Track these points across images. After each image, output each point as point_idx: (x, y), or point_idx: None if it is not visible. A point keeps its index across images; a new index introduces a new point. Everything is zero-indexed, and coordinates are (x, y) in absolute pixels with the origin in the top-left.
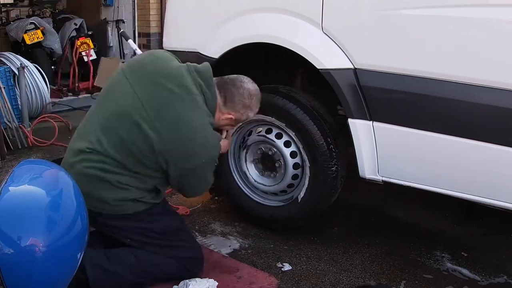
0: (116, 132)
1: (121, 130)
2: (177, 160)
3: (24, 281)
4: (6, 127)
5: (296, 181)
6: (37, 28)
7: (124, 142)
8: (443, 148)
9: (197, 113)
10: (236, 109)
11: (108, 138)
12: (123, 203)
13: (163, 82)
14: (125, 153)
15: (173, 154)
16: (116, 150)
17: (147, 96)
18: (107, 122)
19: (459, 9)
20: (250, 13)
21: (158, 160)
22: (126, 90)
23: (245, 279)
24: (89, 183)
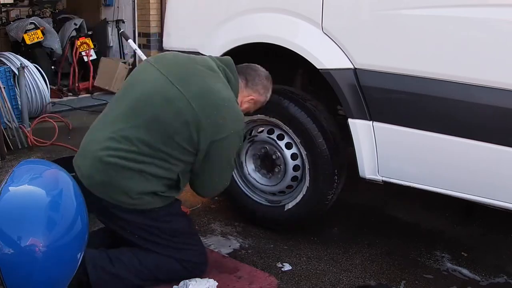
0: (146, 112)
1: (151, 109)
2: (207, 129)
3: (24, 281)
4: (6, 127)
5: (295, 182)
6: (37, 28)
7: (154, 119)
8: (443, 148)
9: (223, 87)
10: (256, 89)
11: (136, 120)
12: (143, 197)
13: (190, 63)
14: (155, 132)
15: (204, 122)
16: (146, 130)
17: (175, 74)
18: (135, 105)
19: (459, 9)
20: (250, 13)
21: (191, 134)
22: (152, 74)
23: (245, 279)
24: (112, 172)
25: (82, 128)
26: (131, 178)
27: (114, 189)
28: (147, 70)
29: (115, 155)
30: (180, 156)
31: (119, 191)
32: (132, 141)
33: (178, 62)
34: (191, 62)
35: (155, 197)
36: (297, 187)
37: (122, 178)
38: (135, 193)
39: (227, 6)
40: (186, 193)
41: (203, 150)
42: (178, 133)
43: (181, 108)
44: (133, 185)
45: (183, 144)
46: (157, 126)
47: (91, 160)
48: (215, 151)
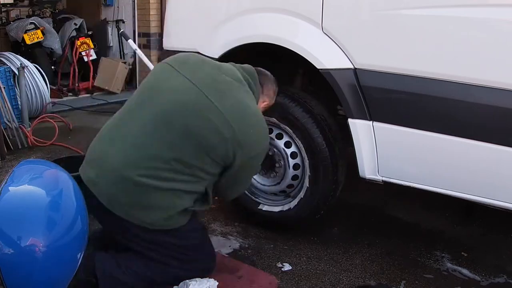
0: (179, 126)
1: (185, 122)
2: (245, 147)
3: (24, 281)
4: (6, 127)
5: (295, 181)
6: (37, 28)
7: (188, 134)
8: (443, 148)
9: (252, 101)
10: (269, 94)
11: (168, 135)
12: (172, 217)
13: (217, 73)
14: (188, 147)
15: (242, 140)
16: (179, 146)
17: (207, 85)
18: (164, 117)
19: (459, 9)
20: (250, 13)
21: (227, 151)
22: (180, 81)
23: (245, 279)
24: (142, 193)
25: (82, 128)
26: (163, 198)
27: (143, 211)
28: (173, 76)
29: (146, 175)
30: (211, 169)
31: (148, 212)
32: (164, 159)
33: (205, 70)
34: (219, 72)
35: (184, 214)
36: (297, 187)
37: (153, 199)
38: (166, 213)
39: (227, 6)
40: None
41: (237, 166)
42: (215, 149)
43: (218, 125)
44: (164, 204)
45: (216, 159)
46: (190, 141)
47: (113, 178)
48: (247, 165)
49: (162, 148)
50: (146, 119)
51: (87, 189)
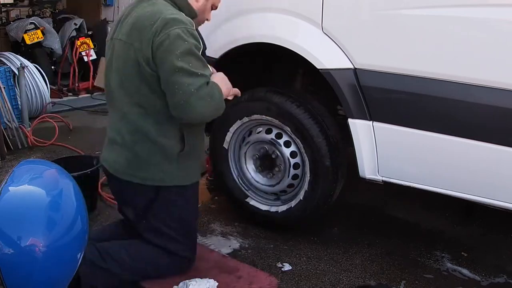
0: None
1: (122, 73)
2: (147, 47)
3: (24, 281)
4: (6, 127)
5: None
6: (37, 28)
7: (129, 78)
8: (443, 148)
9: (152, 7)
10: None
11: (125, 93)
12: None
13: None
14: (138, 92)
15: (142, 46)
16: (132, 96)
17: (124, 31)
18: (116, 81)
19: (459, 9)
20: (250, 13)
21: (150, 65)
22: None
23: (245, 279)
24: (136, 148)
25: (82, 128)
26: (152, 149)
27: (141, 166)
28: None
29: (130, 131)
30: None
31: (146, 166)
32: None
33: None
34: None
35: (174, 163)
36: (297, 187)
37: (144, 152)
38: (159, 162)
39: (227, 6)
40: None
41: (153, 62)
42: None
43: (135, 51)
44: (155, 154)
45: (151, 79)
46: (135, 85)
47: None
48: (160, 55)
49: (128, 105)
50: (111, 95)
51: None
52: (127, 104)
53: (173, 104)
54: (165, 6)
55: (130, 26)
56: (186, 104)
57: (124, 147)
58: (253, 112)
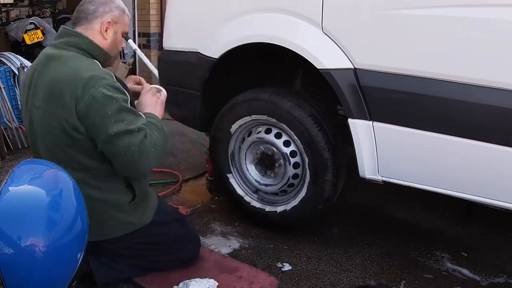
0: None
1: (52, 144)
2: (70, 115)
3: (24, 281)
4: (6, 127)
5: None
6: (37, 28)
7: (61, 148)
8: (443, 148)
9: (64, 68)
10: (100, 13)
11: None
12: (129, 215)
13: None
14: (73, 160)
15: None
16: (68, 165)
17: (32, 97)
18: (47, 151)
19: (459, 9)
20: (250, 13)
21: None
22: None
23: (245, 279)
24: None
25: None
26: (102, 209)
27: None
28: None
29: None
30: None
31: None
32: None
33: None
34: (36, 69)
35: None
36: (297, 187)
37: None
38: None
39: (227, 6)
40: (186, 193)
41: (80, 127)
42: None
43: (45, 121)
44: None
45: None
46: (60, 148)
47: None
48: (88, 120)
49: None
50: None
51: None
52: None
53: (119, 168)
54: (77, 61)
55: (46, 91)
56: (132, 164)
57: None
58: (252, 112)
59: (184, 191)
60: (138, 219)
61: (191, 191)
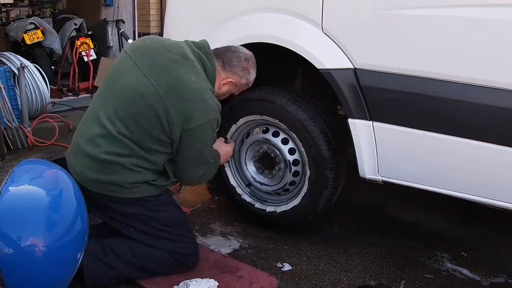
0: (124, 109)
1: (128, 106)
2: (177, 121)
3: (24, 281)
4: (6, 127)
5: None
6: (37, 28)
7: (132, 117)
8: (443, 148)
9: (195, 77)
10: (234, 71)
11: (118, 118)
12: (137, 185)
13: (164, 52)
14: (136, 128)
15: (174, 115)
16: (128, 127)
17: (149, 66)
18: (115, 102)
19: (459, 9)
20: (250, 13)
21: (163, 126)
22: (130, 67)
23: (245, 279)
24: (103, 168)
25: None
26: (121, 172)
27: (107, 184)
28: (124, 62)
29: (106, 152)
30: (161, 148)
31: (112, 184)
32: (117, 138)
33: (153, 50)
34: (164, 50)
35: (147, 185)
36: (297, 187)
37: (113, 173)
38: (127, 184)
39: (227, 6)
40: (186, 193)
41: (176, 140)
42: (154, 127)
43: (152, 102)
44: (125, 178)
45: (160, 137)
46: (135, 123)
47: (82, 158)
48: (186, 140)
49: (115, 129)
50: (104, 105)
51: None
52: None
53: (177, 174)
54: (202, 77)
55: (171, 83)
56: (188, 181)
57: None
58: (265, 113)
59: (184, 191)
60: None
61: (191, 191)
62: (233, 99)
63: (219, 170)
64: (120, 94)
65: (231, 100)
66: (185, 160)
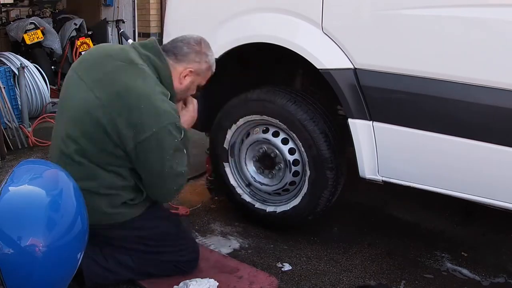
0: (76, 127)
1: (78, 123)
2: (127, 132)
3: (24, 281)
4: (6, 127)
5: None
6: (37, 28)
7: (84, 134)
8: (443, 148)
9: (142, 82)
10: (190, 59)
11: (75, 141)
12: (118, 210)
13: (109, 60)
14: (93, 148)
15: (122, 127)
16: (86, 149)
17: (93, 78)
18: (67, 121)
19: (459, 9)
20: (250, 13)
21: (114, 141)
22: (75, 83)
23: (245, 279)
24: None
25: None
26: (95, 197)
27: (90, 211)
28: (71, 79)
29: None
30: (122, 162)
31: (93, 212)
32: (80, 162)
33: (96, 61)
34: (108, 59)
35: (127, 208)
36: (297, 186)
37: (89, 200)
38: (106, 211)
39: (227, 6)
40: (186, 193)
41: (132, 153)
42: (106, 143)
43: (98, 117)
44: (102, 202)
45: (116, 152)
46: (90, 142)
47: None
48: (144, 154)
49: (76, 153)
50: (61, 128)
51: None
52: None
53: (149, 194)
54: (152, 82)
55: (115, 92)
56: (163, 197)
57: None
58: (266, 113)
59: (184, 191)
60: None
61: (191, 191)
62: (233, 100)
63: (219, 170)
64: (69, 113)
65: (231, 100)
66: (152, 177)
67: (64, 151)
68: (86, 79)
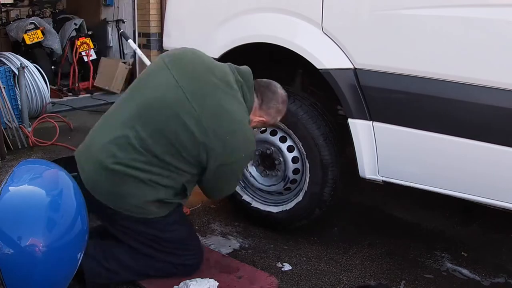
0: (155, 122)
1: (161, 120)
2: (218, 153)
3: (24, 281)
4: (6, 127)
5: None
6: (37, 28)
7: (162, 132)
8: (443, 148)
9: (238, 108)
10: (269, 112)
11: (144, 129)
12: (148, 206)
13: (207, 75)
14: (162, 144)
15: (216, 147)
16: (153, 140)
17: (190, 86)
18: (143, 112)
19: (459, 9)
20: (250, 13)
21: (199, 153)
22: (168, 81)
23: (245, 279)
24: (117, 180)
25: (83, 128)
26: (137, 186)
27: (120, 198)
28: (161, 74)
29: (121, 163)
30: (187, 168)
31: (125, 199)
32: (138, 150)
33: (195, 70)
34: (208, 73)
35: (161, 204)
36: (297, 186)
37: (128, 186)
38: (141, 201)
39: (227, 6)
40: None
41: (211, 170)
42: (187, 149)
43: (192, 126)
44: (139, 193)
45: (190, 160)
46: (164, 139)
47: (94, 165)
48: (223, 172)
49: (138, 140)
50: (129, 111)
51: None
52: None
53: (205, 193)
54: (243, 108)
55: (215, 112)
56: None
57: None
58: None
59: None
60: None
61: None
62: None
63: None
64: (152, 105)
65: None
66: (221, 185)
67: (128, 137)
68: (181, 82)
